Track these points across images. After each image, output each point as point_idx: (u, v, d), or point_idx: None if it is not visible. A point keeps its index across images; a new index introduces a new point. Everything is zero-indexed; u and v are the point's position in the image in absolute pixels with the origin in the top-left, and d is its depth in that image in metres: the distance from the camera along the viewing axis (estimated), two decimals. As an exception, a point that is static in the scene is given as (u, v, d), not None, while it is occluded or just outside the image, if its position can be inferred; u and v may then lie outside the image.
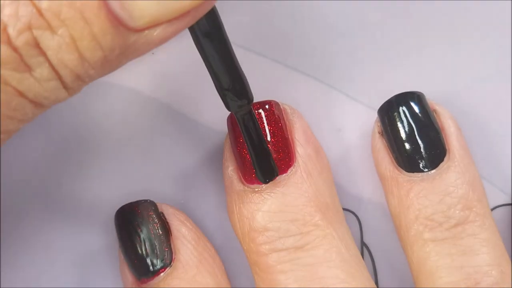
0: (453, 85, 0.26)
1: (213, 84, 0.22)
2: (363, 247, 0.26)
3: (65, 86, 0.18)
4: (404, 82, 0.26)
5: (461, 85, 0.26)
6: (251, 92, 0.21)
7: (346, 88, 0.26)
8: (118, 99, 0.26)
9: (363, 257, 0.26)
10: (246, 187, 0.23)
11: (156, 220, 0.24)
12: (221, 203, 0.26)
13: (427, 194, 0.23)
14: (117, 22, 0.17)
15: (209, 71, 0.21)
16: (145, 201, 0.24)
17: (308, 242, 0.22)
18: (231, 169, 0.24)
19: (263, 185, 0.23)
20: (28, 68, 0.17)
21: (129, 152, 0.26)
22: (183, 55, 0.26)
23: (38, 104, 0.18)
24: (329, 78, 0.26)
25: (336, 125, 0.26)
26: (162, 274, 0.23)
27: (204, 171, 0.26)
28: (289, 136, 0.23)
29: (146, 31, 0.17)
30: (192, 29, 0.20)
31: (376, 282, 0.26)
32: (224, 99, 0.21)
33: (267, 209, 0.23)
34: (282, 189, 0.23)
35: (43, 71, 0.17)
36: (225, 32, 0.20)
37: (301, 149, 0.23)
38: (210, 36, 0.20)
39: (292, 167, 0.23)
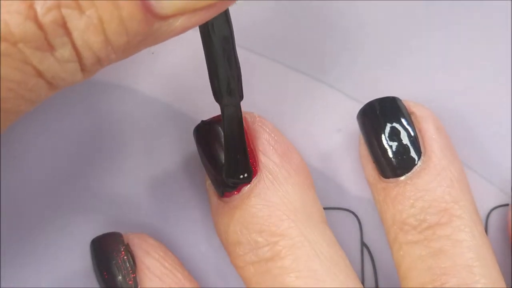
0: (453, 85, 0.26)
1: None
2: (363, 247, 0.26)
3: (83, 68, 0.17)
4: (404, 82, 0.26)
5: (461, 85, 0.26)
6: (242, 91, 0.22)
7: (346, 88, 0.26)
8: (118, 99, 0.26)
9: (363, 257, 0.26)
10: (219, 200, 0.23)
11: (120, 253, 0.23)
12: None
13: (401, 199, 0.23)
14: (145, 8, 0.16)
15: (208, 62, 0.21)
16: (111, 233, 0.24)
17: (277, 253, 0.22)
18: (208, 183, 0.24)
19: (232, 197, 0.23)
20: (51, 48, 0.16)
21: (129, 151, 0.26)
22: (183, 55, 0.26)
23: (54, 86, 0.17)
24: (329, 78, 0.26)
25: (336, 125, 0.26)
26: None
27: (204, 170, 0.26)
28: (252, 145, 0.23)
29: (171, 20, 0.17)
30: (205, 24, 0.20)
31: (376, 282, 0.26)
32: (218, 91, 0.22)
33: (236, 222, 0.23)
34: (247, 200, 0.23)
35: (65, 51, 0.16)
36: (232, 28, 0.21)
37: (263, 158, 0.23)
38: (219, 32, 0.21)
39: (255, 177, 0.23)
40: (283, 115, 0.26)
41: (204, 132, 0.24)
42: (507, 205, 0.26)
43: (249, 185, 0.23)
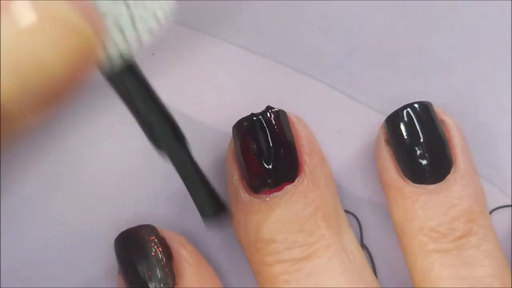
0: (453, 85, 0.26)
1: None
2: (363, 248, 0.26)
3: None
4: (404, 82, 0.26)
5: (461, 85, 0.26)
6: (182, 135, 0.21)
7: (346, 88, 0.26)
8: (118, 99, 0.26)
9: (363, 257, 0.26)
10: (252, 197, 0.23)
11: (158, 244, 0.24)
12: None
13: (432, 207, 0.23)
14: None
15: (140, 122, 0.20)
16: (146, 225, 0.24)
17: (313, 252, 0.22)
18: (236, 178, 0.24)
19: (272, 194, 0.23)
20: None
21: (129, 151, 0.26)
22: (183, 55, 0.26)
23: None
24: (329, 78, 0.26)
25: (336, 126, 0.26)
26: None
27: (205, 171, 0.26)
28: (296, 145, 0.23)
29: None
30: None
31: (376, 283, 0.26)
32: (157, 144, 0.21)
33: (274, 220, 0.22)
34: (289, 199, 0.23)
35: None
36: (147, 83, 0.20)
37: (307, 158, 0.23)
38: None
39: (299, 177, 0.23)
40: (283, 115, 0.26)
41: (250, 126, 0.23)
42: (508, 206, 0.26)
43: (292, 184, 0.23)
